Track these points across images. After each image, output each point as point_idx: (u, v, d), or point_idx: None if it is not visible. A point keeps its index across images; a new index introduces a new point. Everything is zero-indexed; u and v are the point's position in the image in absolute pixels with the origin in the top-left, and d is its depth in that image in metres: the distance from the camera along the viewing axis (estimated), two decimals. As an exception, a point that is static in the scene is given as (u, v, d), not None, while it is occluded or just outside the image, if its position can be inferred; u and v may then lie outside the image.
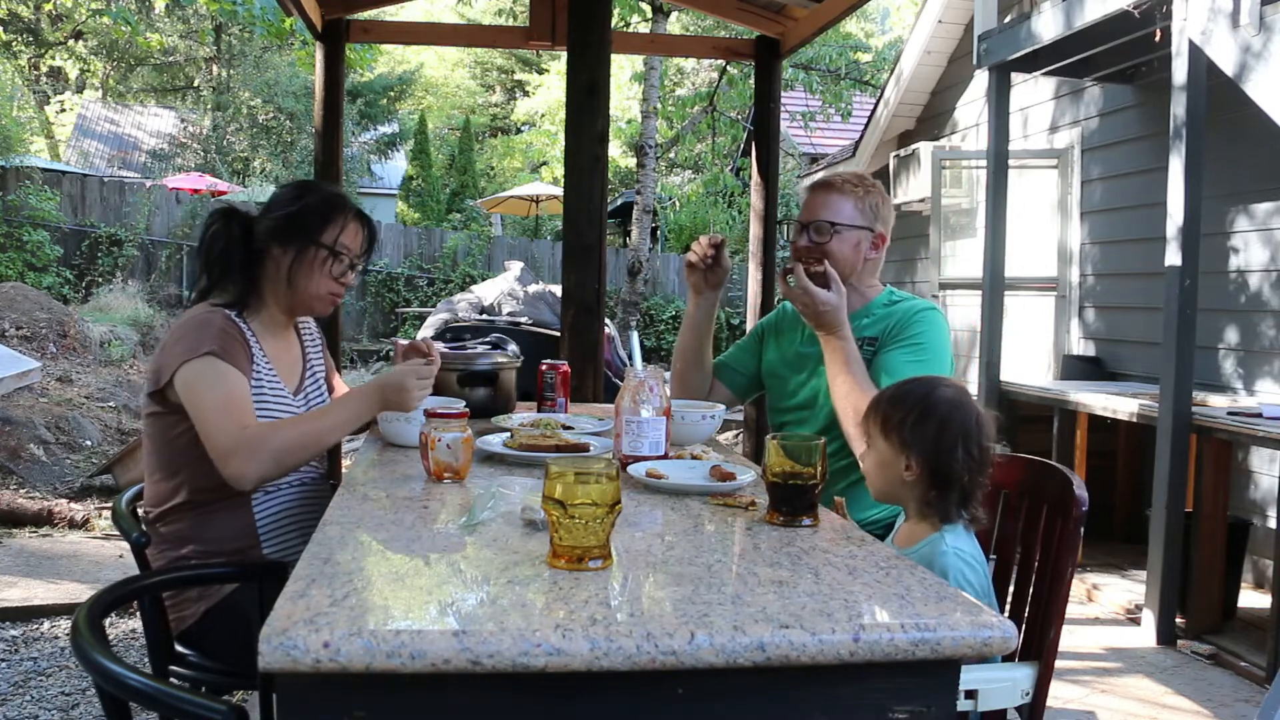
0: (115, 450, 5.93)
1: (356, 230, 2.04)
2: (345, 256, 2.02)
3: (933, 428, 1.60)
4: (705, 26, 16.32)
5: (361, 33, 5.02)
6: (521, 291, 7.91)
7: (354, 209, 2.05)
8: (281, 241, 1.98)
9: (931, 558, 1.56)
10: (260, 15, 9.30)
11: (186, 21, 19.92)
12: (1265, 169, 4.33)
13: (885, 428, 1.65)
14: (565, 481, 1.19)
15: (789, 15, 4.79)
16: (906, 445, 1.62)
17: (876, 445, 1.68)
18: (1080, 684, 3.24)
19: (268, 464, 1.77)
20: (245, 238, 1.99)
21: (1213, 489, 3.64)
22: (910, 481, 1.63)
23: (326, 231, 1.99)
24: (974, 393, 2.18)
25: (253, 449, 1.75)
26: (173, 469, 1.90)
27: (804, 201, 2.31)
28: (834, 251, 2.21)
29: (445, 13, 26.19)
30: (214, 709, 1.08)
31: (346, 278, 2.04)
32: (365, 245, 2.08)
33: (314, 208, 2.00)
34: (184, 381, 1.81)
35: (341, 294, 2.06)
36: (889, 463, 1.65)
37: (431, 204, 20.62)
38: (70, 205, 13.30)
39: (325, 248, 1.99)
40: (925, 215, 6.79)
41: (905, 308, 2.22)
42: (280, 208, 2.00)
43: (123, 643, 3.33)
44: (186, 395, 1.81)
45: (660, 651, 1.00)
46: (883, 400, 1.70)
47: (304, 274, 1.99)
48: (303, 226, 1.98)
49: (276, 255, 1.98)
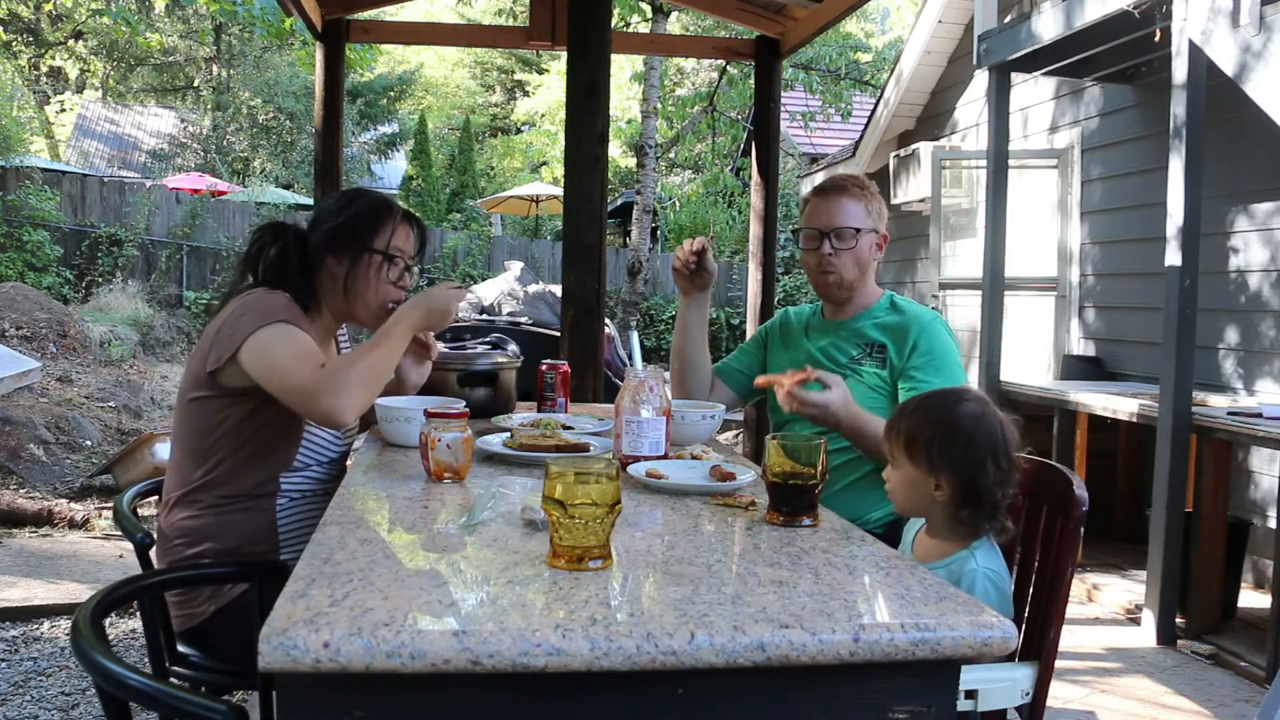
0: (115, 450, 5.93)
1: (407, 232, 2.05)
2: (400, 259, 2.02)
3: (961, 447, 1.57)
4: (705, 26, 16.33)
5: (361, 33, 5.02)
6: (521, 291, 7.91)
7: (402, 211, 2.06)
8: (335, 252, 1.98)
9: (959, 575, 1.55)
10: (260, 15, 9.30)
11: (186, 21, 19.92)
12: (1265, 169, 4.33)
13: (911, 449, 1.61)
14: (565, 481, 1.19)
15: (789, 15, 4.80)
16: (935, 466, 1.58)
17: (902, 465, 1.63)
18: (1080, 684, 3.24)
19: (356, 390, 1.75)
20: (300, 249, 1.99)
21: (1213, 489, 3.64)
22: (941, 500, 1.60)
23: (378, 237, 2.00)
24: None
25: (336, 382, 1.74)
26: (204, 456, 1.88)
27: (813, 208, 2.29)
28: (848, 261, 2.23)
29: (445, 13, 26.19)
30: (214, 709, 1.08)
31: (404, 281, 2.05)
32: (417, 245, 2.09)
33: (363, 214, 2.01)
34: (255, 346, 1.79)
35: (400, 299, 2.04)
36: (917, 483, 1.61)
37: (431, 204, 20.60)
38: (70, 205, 13.29)
39: (379, 253, 1.99)
40: (925, 215, 6.79)
41: (912, 320, 2.21)
42: (330, 219, 2.01)
43: (123, 643, 3.33)
44: (259, 358, 1.78)
45: (660, 651, 1.00)
46: (905, 418, 1.64)
47: (361, 282, 1.99)
48: (354, 234, 1.99)
49: (331, 266, 1.99)
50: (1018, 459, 1.62)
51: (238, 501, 1.89)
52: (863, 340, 2.25)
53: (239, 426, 1.87)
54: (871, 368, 2.20)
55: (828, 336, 2.31)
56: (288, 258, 1.98)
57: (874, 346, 2.22)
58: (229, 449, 1.87)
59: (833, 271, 2.24)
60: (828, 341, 2.30)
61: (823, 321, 2.36)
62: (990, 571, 1.56)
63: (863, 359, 2.22)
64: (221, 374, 1.83)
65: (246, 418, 1.87)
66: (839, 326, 2.31)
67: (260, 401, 1.84)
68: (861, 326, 2.26)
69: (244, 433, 1.87)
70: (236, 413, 1.86)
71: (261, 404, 1.85)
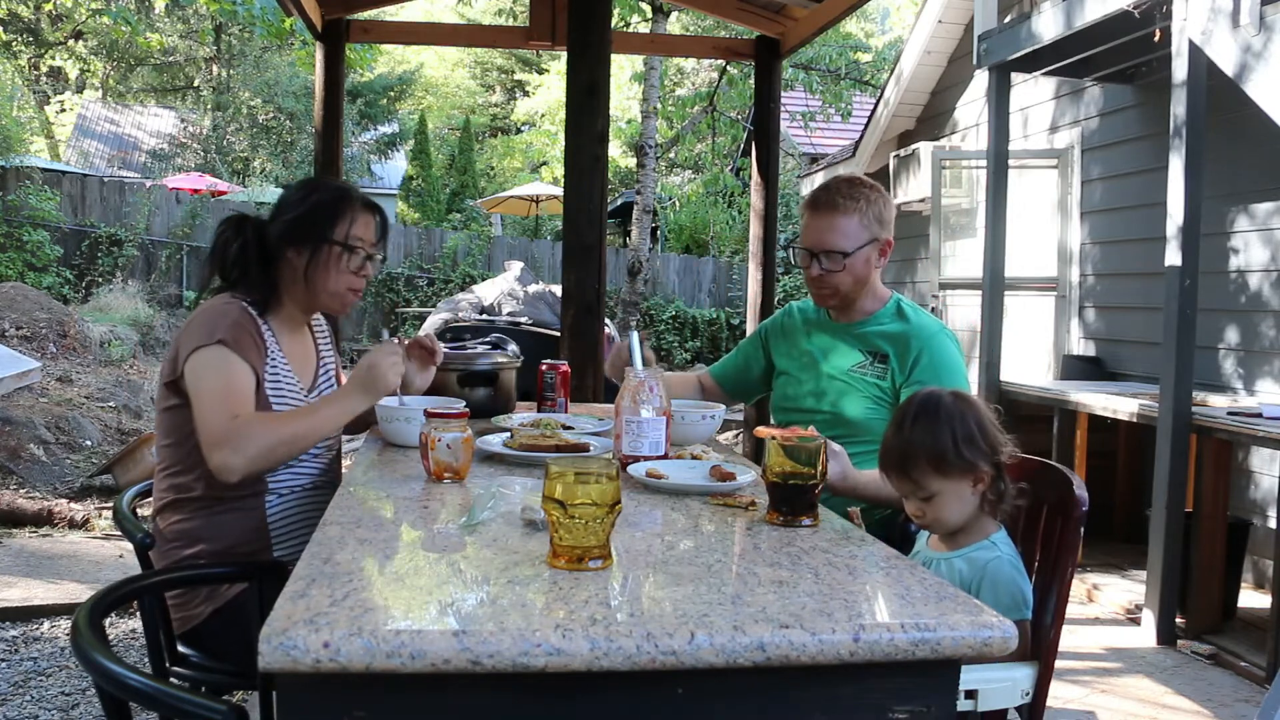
0: (115, 450, 5.93)
1: (367, 220, 2.03)
2: (360, 249, 2.01)
3: (976, 435, 1.61)
4: (705, 26, 16.32)
5: (361, 33, 5.02)
6: (521, 291, 7.90)
7: (361, 199, 2.04)
8: (295, 244, 1.98)
9: (985, 561, 1.59)
10: (260, 15, 9.30)
11: (186, 21, 19.90)
12: (1265, 169, 4.32)
13: (941, 468, 1.61)
14: (565, 481, 1.19)
15: (789, 15, 4.79)
16: (969, 467, 1.61)
17: (938, 489, 1.62)
18: (1080, 684, 3.24)
19: (254, 456, 1.74)
20: (259, 243, 1.99)
21: (1213, 489, 3.63)
22: (983, 490, 1.63)
23: (337, 227, 1.98)
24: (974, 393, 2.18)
25: (240, 440, 1.73)
26: (185, 460, 1.88)
27: (805, 224, 2.25)
28: (845, 279, 2.19)
29: (445, 13, 26.18)
30: (214, 709, 1.08)
31: (365, 270, 2.03)
32: (378, 234, 2.07)
33: (322, 205, 1.99)
34: (191, 369, 1.81)
35: (361, 288, 2.05)
36: (961, 493, 1.62)
37: (431, 204, 20.62)
38: (70, 205, 13.29)
39: (338, 244, 1.98)
40: (925, 215, 6.79)
41: (917, 330, 2.18)
42: (290, 210, 2.00)
43: (123, 643, 3.33)
44: (191, 381, 1.81)
45: (660, 651, 1.00)
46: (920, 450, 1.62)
47: (321, 273, 1.98)
48: (313, 225, 1.97)
49: (292, 258, 1.98)
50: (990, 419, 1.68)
51: (226, 503, 1.88)
52: (866, 347, 2.22)
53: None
54: (873, 378, 2.18)
55: (830, 338, 2.30)
56: (248, 252, 1.97)
57: (877, 355, 2.19)
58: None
59: (826, 288, 2.23)
60: (829, 344, 2.29)
61: (826, 321, 2.34)
62: (1012, 558, 1.60)
63: (865, 368, 2.20)
64: (180, 383, 1.85)
65: None
66: (842, 330, 2.28)
67: None
68: (866, 333, 2.24)
69: None
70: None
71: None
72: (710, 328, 14.91)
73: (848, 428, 2.16)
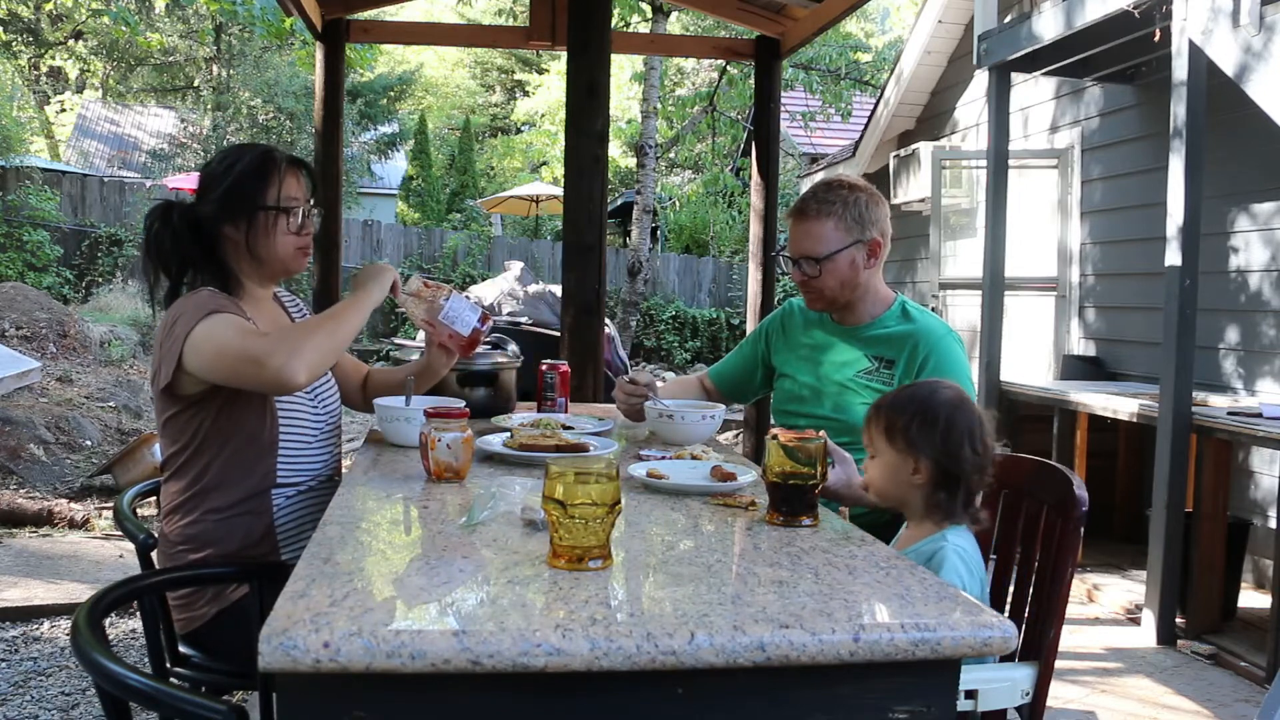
0: (115, 450, 5.93)
1: (296, 176, 1.98)
2: (296, 207, 1.96)
3: (939, 429, 1.61)
4: (705, 26, 16.32)
5: (361, 33, 5.03)
6: (521, 291, 7.90)
7: (285, 157, 1.99)
8: (230, 218, 1.92)
9: (931, 553, 1.57)
10: (260, 15, 9.29)
11: (186, 21, 19.89)
12: (1265, 169, 4.32)
13: (890, 433, 1.65)
14: (565, 481, 1.19)
15: (789, 15, 4.80)
16: (914, 448, 1.62)
17: (881, 451, 1.68)
18: (1080, 684, 3.24)
19: (308, 351, 1.71)
20: (193, 228, 1.93)
21: (1213, 489, 3.63)
22: (918, 484, 1.64)
23: (268, 191, 1.93)
24: (974, 393, 2.18)
25: (285, 343, 1.70)
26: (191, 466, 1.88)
27: (789, 230, 2.26)
28: (829, 282, 2.19)
29: (445, 13, 26.18)
30: (214, 709, 1.08)
31: (307, 227, 1.98)
32: (311, 187, 2.02)
33: (247, 173, 1.93)
34: (194, 345, 1.75)
35: (308, 245, 2.00)
36: (896, 467, 1.65)
37: (431, 204, 20.61)
38: (70, 205, 13.30)
39: (273, 208, 1.93)
40: (925, 215, 6.79)
41: (923, 333, 2.17)
42: (215, 185, 1.93)
43: (123, 643, 3.33)
44: (202, 352, 1.75)
45: (660, 651, 1.00)
46: (884, 407, 1.69)
47: (264, 241, 1.93)
48: (243, 196, 1.92)
49: (230, 234, 1.93)
50: (993, 448, 1.66)
51: (234, 506, 1.88)
52: (872, 352, 2.20)
53: (214, 428, 1.85)
54: (880, 384, 2.16)
55: (831, 338, 2.28)
56: (181, 241, 1.92)
57: (883, 361, 2.18)
58: (212, 453, 1.85)
59: (811, 293, 2.23)
60: (830, 342, 2.28)
61: (828, 321, 2.32)
62: (959, 548, 1.57)
63: (872, 374, 2.18)
64: (176, 386, 1.81)
65: (220, 416, 1.86)
66: (846, 333, 2.27)
67: (226, 398, 1.84)
68: (871, 337, 2.22)
69: (222, 431, 1.86)
70: (208, 415, 1.85)
71: (229, 400, 1.84)
72: (710, 328, 14.91)
73: (854, 435, 2.16)
